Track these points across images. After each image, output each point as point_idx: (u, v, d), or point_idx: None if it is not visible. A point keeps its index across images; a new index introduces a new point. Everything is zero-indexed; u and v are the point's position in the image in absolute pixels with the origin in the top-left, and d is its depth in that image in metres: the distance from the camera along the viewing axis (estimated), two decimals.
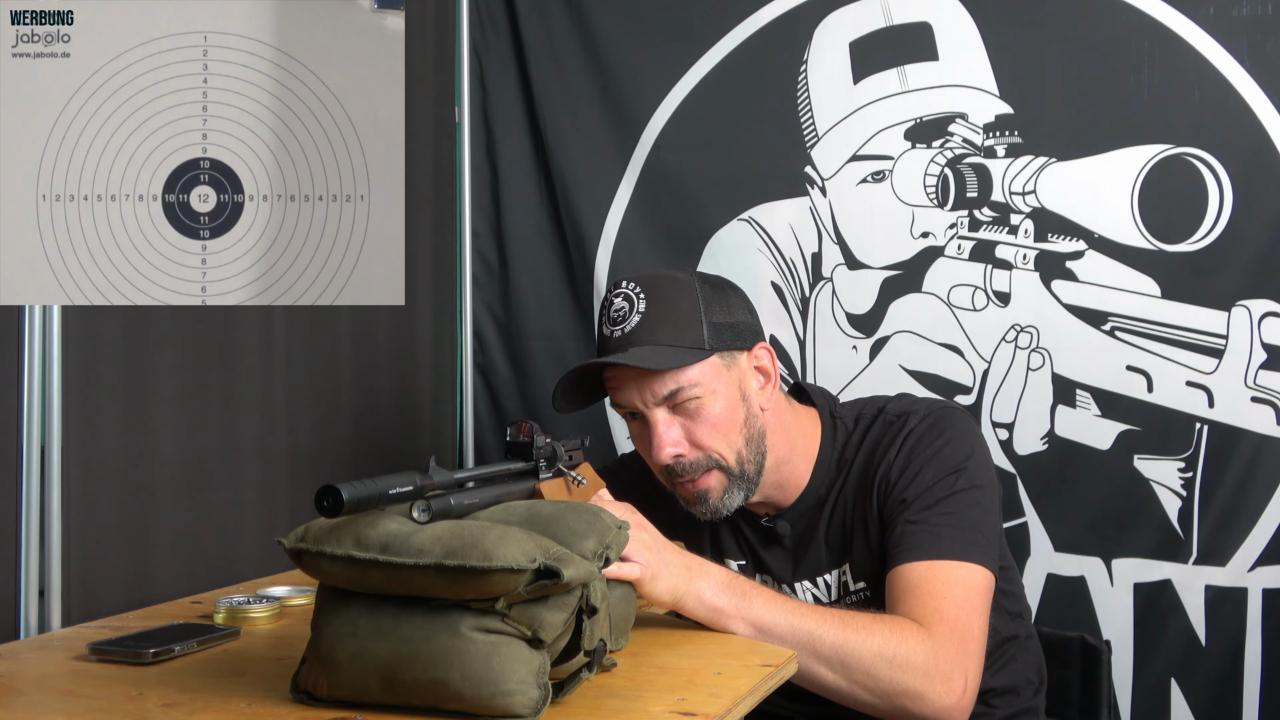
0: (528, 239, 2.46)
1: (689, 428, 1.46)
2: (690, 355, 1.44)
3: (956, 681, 1.30)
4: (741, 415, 1.48)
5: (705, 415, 1.45)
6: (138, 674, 1.16)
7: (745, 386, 1.49)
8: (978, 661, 1.34)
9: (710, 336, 1.46)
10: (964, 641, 1.33)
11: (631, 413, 1.48)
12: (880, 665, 1.28)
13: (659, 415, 1.45)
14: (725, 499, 1.49)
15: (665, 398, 1.44)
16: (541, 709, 0.98)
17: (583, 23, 2.39)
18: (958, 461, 1.45)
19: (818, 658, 1.29)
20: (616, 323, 1.46)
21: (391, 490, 0.98)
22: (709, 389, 1.45)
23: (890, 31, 2.18)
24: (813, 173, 2.23)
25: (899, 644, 1.29)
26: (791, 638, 1.29)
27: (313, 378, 1.97)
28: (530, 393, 2.45)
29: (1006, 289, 2.09)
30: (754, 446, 1.49)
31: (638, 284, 1.47)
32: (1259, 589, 1.95)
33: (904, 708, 1.29)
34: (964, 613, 1.35)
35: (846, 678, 1.29)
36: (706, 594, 1.30)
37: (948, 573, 1.37)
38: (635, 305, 1.45)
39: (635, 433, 1.52)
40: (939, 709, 1.29)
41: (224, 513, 1.76)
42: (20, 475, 1.46)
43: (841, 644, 1.29)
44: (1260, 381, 1.95)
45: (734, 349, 1.48)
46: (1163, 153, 2.00)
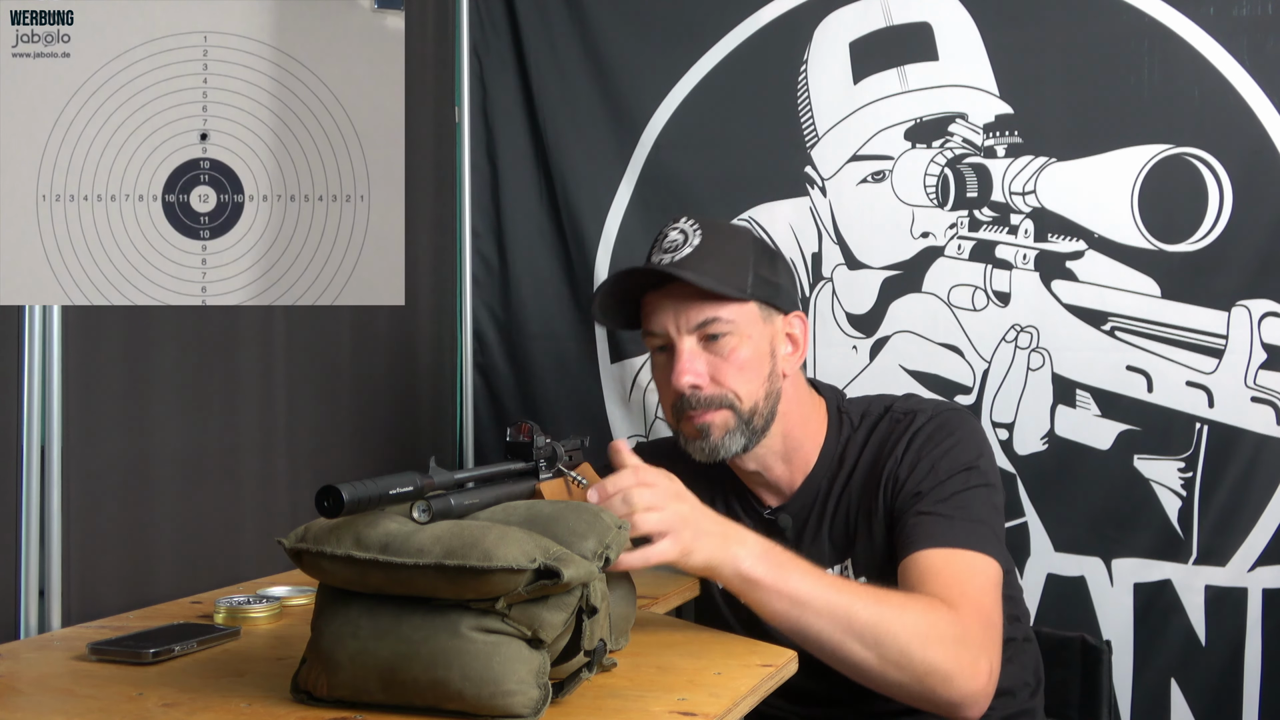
0: (528, 239, 2.46)
1: (713, 364, 1.47)
2: (733, 292, 1.46)
3: (983, 666, 1.28)
4: (766, 368, 1.49)
5: (733, 356, 1.46)
6: (138, 674, 1.16)
7: (775, 345, 1.51)
8: (998, 649, 1.33)
9: (754, 285, 1.48)
10: (988, 626, 1.32)
11: (660, 346, 1.50)
12: (915, 643, 1.25)
13: (687, 344, 1.46)
14: (726, 439, 1.48)
15: (699, 325, 1.46)
16: (541, 709, 0.98)
17: (583, 23, 2.39)
18: (968, 460, 1.45)
19: (851, 633, 1.25)
20: (667, 251, 1.48)
21: (392, 490, 0.98)
22: (742, 332, 1.47)
23: (890, 31, 2.18)
24: (813, 173, 2.23)
25: (933, 623, 1.27)
26: (827, 612, 1.25)
27: (313, 378, 1.97)
28: (530, 393, 2.45)
29: (1006, 289, 2.09)
30: (769, 402, 1.49)
31: (695, 221, 1.49)
32: (1259, 589, 1.95)
33: (932, 689, 1.26)
34: (987, 599, 1.34)
35: (879, 655, 1.25)
36: (744, 563, 1.25)
37: (968, 561, 1.37)
38: (689, 239, 1.47)
39: (659, 367, 1.52)
40: (966, 694, 1.27)
41: (224, 513, 1.76)
42: (20, 475, 1.46)
43: (877, 620, 1.26)
44: (1260, 381, 1.95)
45: (773, 306, 1.51)
46: (1163, 153, 2.00)
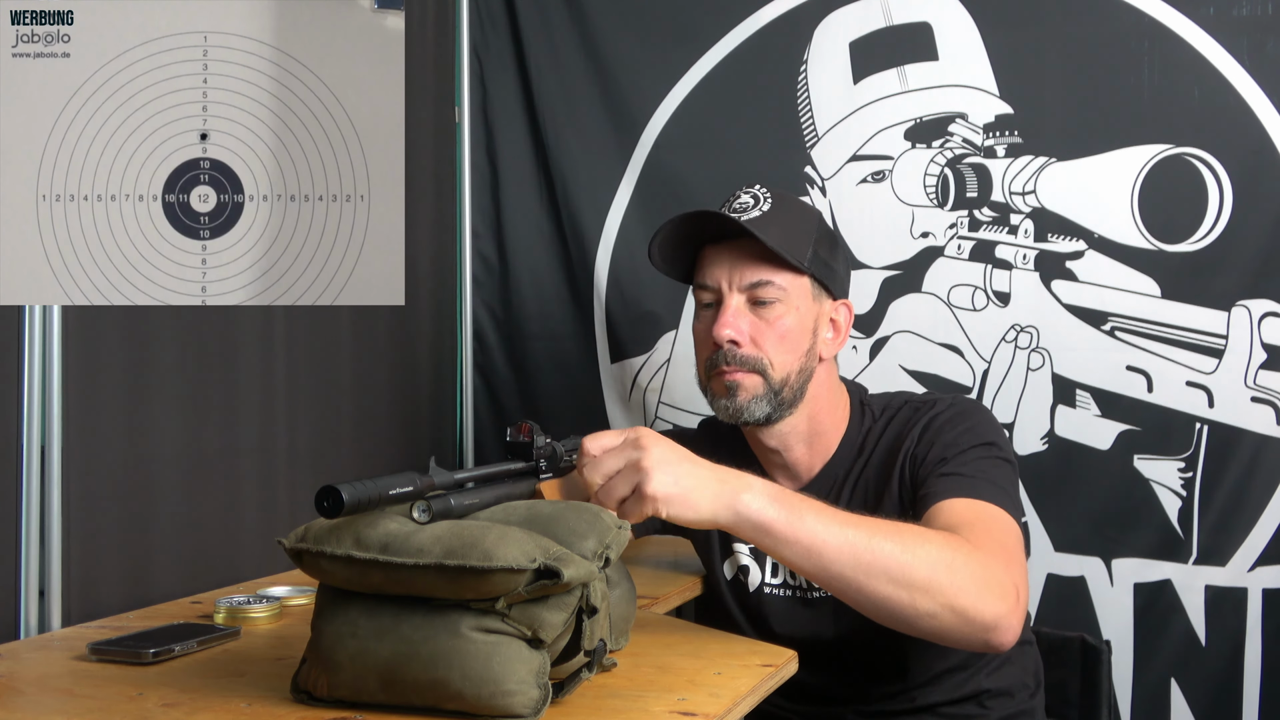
0: (528, 239, 2.46)
1: (756, 326, 1.48)
2: (791, 259, 1.47)
3: (1009, 589, 1.26)
4: (806, 344, 1.50)
5: (777, 323, 1.48)
6: (138, 674, 1.16)
7: (819, 324, 1.53)
8: (1025, 584, 1.31)
9: (812, 261, 1.50)
10: (1013, 563, 1.30)
11: (708, 303, 1.51)
12: (940, 569, 1.22)
13: (735, 300, 1.48)
14: (751, 404, 1.49)
15: (751, 285, 1.48)
16: (541, 709, 0.98)
17: (583, 23, 2.39)
18: (989, 438, 1.46)
19: (874, 570, 1.22)
20: (737, 211, 1.49)
21: (392, 491, 0.98)
22: (791, 302, 1.49)
23: (890, 31, 2.18)
24: (813, 173, 2.23)
25: (955, 552, 1.25)
26: (848, 550, 1.21)
27: (313, 378, 1.97)
28: (530, 393, 2.45)
29: (1006, 289, 2.09)
30: (801, 377, 1.51)
31: (768, 189, 1.51)
32: (1259, 589, 1.95)
33: (964, 610, 1.23)
34: (1010, 541, 1.33)
35: (907, 586, 1.22)
36: (753, 506, 1.21)
37: (991, 511, 1.36)
38: (760, 203, 1.48)
39: (704, 322, 1.52)
40: (998, 613, 1.24)
41: (224, 513, 1.76)
42: (20, 475, 1.46)
43: (900, 552, 1.22)
44: (1260, 381, 1.95)
45: (825, 287, 1.53)
46: (1163, 153, 2.00)
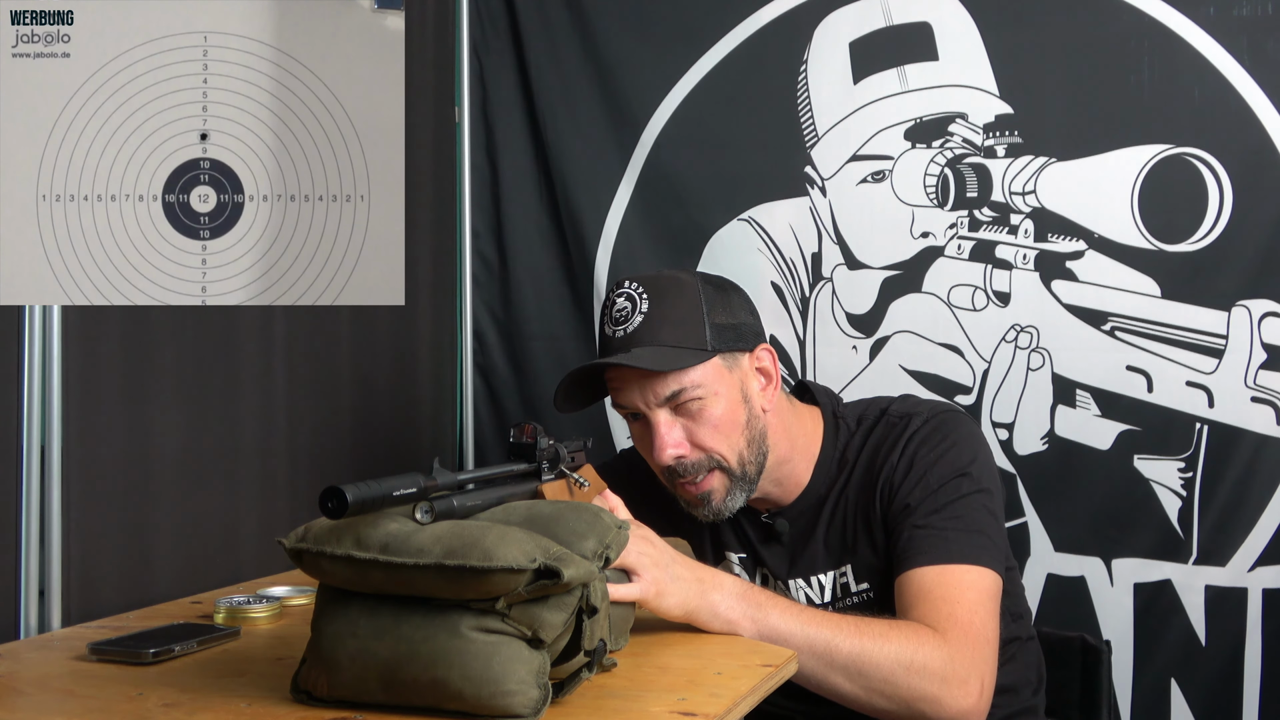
0: (528, 239, 2.46)
1: (691, 429, 1.45)
2: (693, 356, 1.43)
3: (973, 685, 1.30)
4: (743, 416, 1.47)
5: (707, 416, 1.45)
6: (138, 674, 1.16)
7: (747, 388, 1.49)
8: (992, 665, 1.34)
9: (713, 337, 1.45)
10: (978, 645, 1.33)
11: (633, 414, 1.48)
12: (898, 672, 1.28)
13: (661, 416, 1.44)
14: (727, 500, 1.49)
15: (667, 399, 1.44)
16: (541, 709, 0.98)
17: (583, 23, 2.39)
18: (962, 465, 1.45)
19: (835, 667, 1.29)
20: (619, 322, 1.45)
21: (395, 492, 0.98)
22: (711, 390, 1.44)
23: (890, 31, 2.18)
24: (813, 173, 2.23)
25: (915, 650, 1.29)
26: (807, 648, 1.29)
27: (313, 378, 1.97)
28: (530, 393, 2.45)
29: (1006, 289, 2.09)
30: (755, 447, 1.48)
31: (640, 284, 1.46)
32: (1259, 589, 1.95)
33: (922, 713, 1.29)
34: (978, 617, 1.35)
35: (864, 686, 1.29)
36: (721, 607, 1.30)
37: (959, 577, 1.37)
38: (638, 305, 1.45)
39: (636, 433, 1.52)
40: (957, 713, 1.29)
41: (224, 513, 1.76)
42: (20, 475, 1.46)
43: (859, 652, 1.29)
44: (1260, 381, 1.95)
45: (736, 350, 1.48)
46: (1163, 153, 2.00)
